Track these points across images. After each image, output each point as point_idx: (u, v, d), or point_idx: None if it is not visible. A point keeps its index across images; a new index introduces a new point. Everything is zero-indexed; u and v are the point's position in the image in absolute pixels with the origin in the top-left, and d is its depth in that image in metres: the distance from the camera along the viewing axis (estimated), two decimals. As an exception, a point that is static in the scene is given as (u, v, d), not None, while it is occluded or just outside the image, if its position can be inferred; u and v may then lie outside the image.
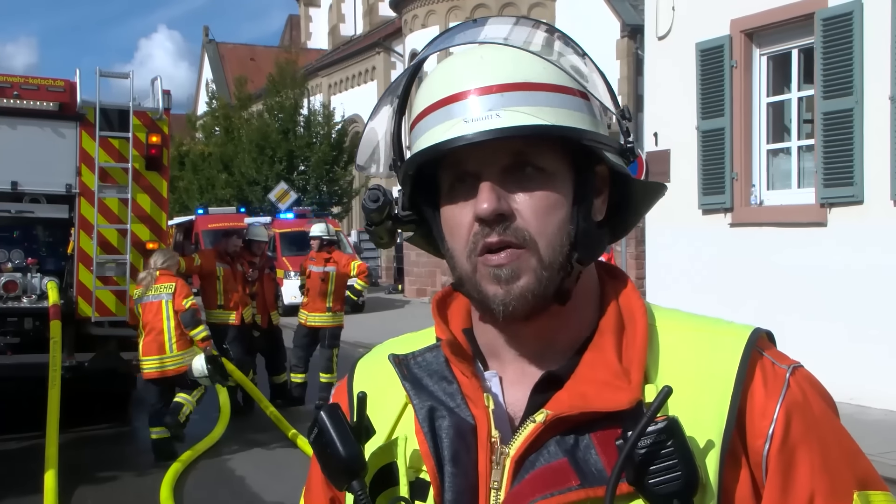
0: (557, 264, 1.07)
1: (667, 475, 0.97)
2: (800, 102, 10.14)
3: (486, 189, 1.05)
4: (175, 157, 31.06)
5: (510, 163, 1.07)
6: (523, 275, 1.06)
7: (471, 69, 1.08)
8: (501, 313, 1.07)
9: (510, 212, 1.06)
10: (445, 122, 1.07)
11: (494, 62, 1.07)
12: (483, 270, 1.07)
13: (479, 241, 1.06)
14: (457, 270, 1.11)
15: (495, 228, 1.05)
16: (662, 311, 1.17)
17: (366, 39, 35.77)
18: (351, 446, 1.07)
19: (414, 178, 1.14)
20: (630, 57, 20.25)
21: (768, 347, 1.11)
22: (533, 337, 1.12)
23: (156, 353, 8.13)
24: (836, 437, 1.07)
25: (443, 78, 1.10)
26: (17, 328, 8.89)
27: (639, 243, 15.63)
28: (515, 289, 1.06)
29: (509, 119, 1.04)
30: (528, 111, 1.05)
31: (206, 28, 53.89)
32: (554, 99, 1.07)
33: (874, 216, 8.82)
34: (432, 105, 1.09)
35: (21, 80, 8.80)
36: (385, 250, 29.47)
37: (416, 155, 1.10)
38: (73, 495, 7.12)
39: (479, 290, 1.08)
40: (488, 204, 1.04)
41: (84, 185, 8.84)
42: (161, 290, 8.22)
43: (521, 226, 1.06)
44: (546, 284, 1.07)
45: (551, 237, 1.07)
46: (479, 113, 1.05)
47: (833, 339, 8.92)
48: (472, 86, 1.06)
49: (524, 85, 1.06)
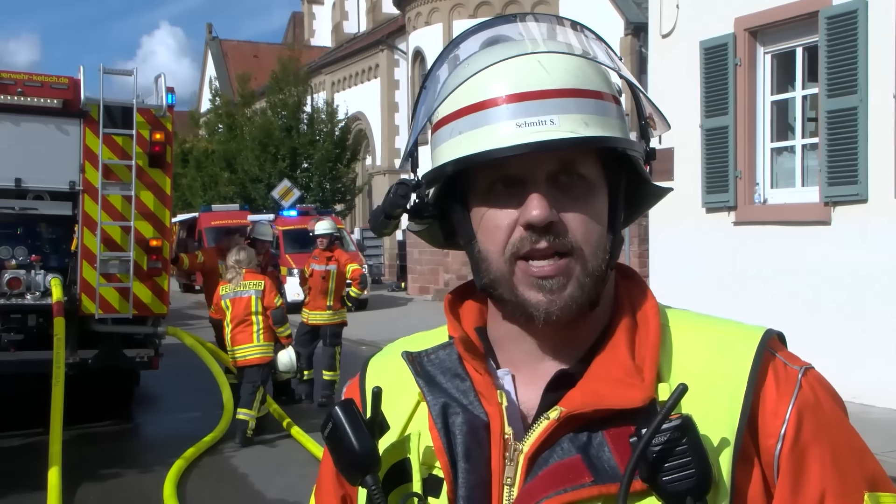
0: (599, 272, 1.09)
1: (680, 473, 0.98)
2: (804, 101, 10.12)
3: (538, 197, 1.05)
4: (178, 155, 31.07)
5: (556, 169, 1.07)
6: (570, 284, 1.07)
7: (528, 72, 1.07)
8: (543, 320, 1.07)
9: (558, 220, 1.06)
10: (495, 123, 1.06)
11: (553, 67, 1.07)
12: (523, 276, 1.07)
13: (526, 247, 1.06)
14: (490, 273, 1.10)
15: (544, 236, 1.06)
16: (675, 311, 1.17)
17: (369, 37, 35.75)
18: (365, 441, 1.08)
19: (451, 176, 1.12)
20: (633, 55, 20.24)
21: (780, 349, 1.11)
22: (549, 337, 1.12)
23: (243, 343, 8.91)
24: (847, 438, 1.07)
25: (494, 75, 1.08)
26: (21, 325, 8.89)
27: (642, 242, 15.62)
28: (561, 299, 1.06)
29: (565, 127, 1.04)
30: (582, 119, 1.06)
31: (210, 25, 53.80)
32: (599, 107, 1.08)
33: (878, 214, 8.81)
34: (481, 103, 1.08)
35: (25, 76, 8.80)
36: (388, 249, 29.35)
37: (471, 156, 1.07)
38: (76, 492, 7.14)
39: (518, 294, 1.08)
40: (539, 211, 1.04)
41: (88, 182, 8.84)
42: (250, 287, 9.01)
43: (569, 234, 1.06)
44: (588, 292, 1.08)
45: (595, 246, 1.08)
46: (535, 118, 1.05)
47: (837, 337, 8.91)
48: (530, 88, 1.06)
49: (577, 91, 1.07)
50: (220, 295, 9.16)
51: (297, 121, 28.54)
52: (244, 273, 9.06)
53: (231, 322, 8.98)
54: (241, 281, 9.02)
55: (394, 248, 29.14)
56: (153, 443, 9.40)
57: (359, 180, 31.24)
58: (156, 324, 9.40)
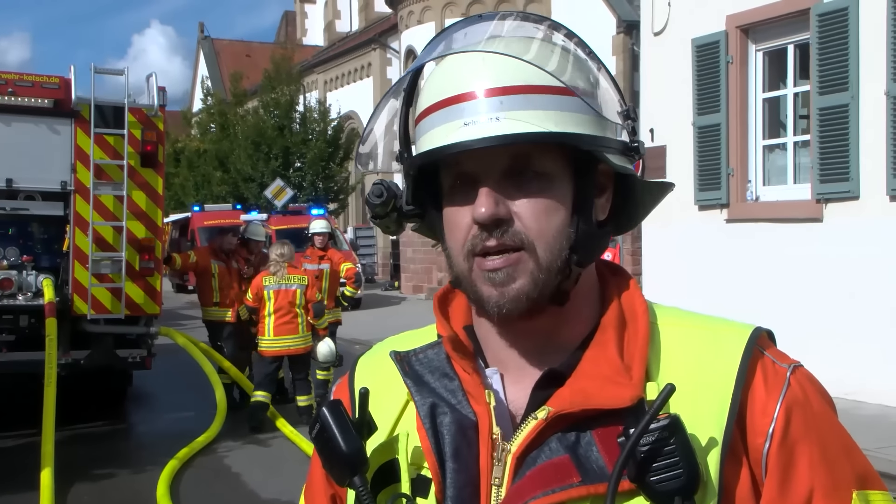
0: (556, 267, 1.07)
1: (669, 473, 0.97)
2: (795, 98, 10.14)
3: (485, 194, 1.05)
4: (170, 154, 30.99)
5: (510, 166, 1.07)
6: (518, 278, 1.06)
7: (472, 70, 1.07)
8: (496, 314, 1.07)
9: (508, 216, 1.06)
10: (446, 123, 1.07)
11: (496, 64, 1.06)
12: (478, 272, 1.08)
13: (478, 245, 1.07)
14: (454, 269, 1.11)
15: (493, 233, 1.06)
16: (664, 309, 1.17)
17: (361, 36, 35.75)
18: (353, 442, 1.08)
19: (416, 176, 1.15)
20: (626, 53, 20.26)
21: (769, 346, 1.11)
22: (532, 335, 1.12)
23: (287, 334, 9.41)
24: (836, 436, 1.07)
25: (444, 77, 1.10)
26: (13, 325, 8.86)
27: (635, 239, 15.63)
28: (509, 291, 1.06)
29: (510, 125, 1.04)
30: (529, 116, 1.04)
31: (202, 24, 53.70)
32: (555, 102, 1.06)
33: (870, 212, 8.84)
34: (434, 105, 1.09)
35: (16, 76, 8.77)
36: (381, 248, 29.34)
37: (417, 156, 1.11)
38: (69, 492, 7.12)
39: (475, 290, 1.09)
40: (486, 209, 1.05)
41: (79, 182, 8.81)
42: (294, 281, 9.49)
43: (520, 229, 1.06)
44: (542, 287, 1.07)
45: (550, 241, 1.07)
46: (480, 116, 1.05)
47: (828, 333, 8.94)
48: (473, 87, 1.06)
49: (525, 88, 1.05)
50: (263, 286, 9.45)
51: (290, 120, 28.49)
52: (287, 267, 9.50)
53: (274, 312, 9.37)
54: (286, 274, 9.46)
55: (387, 246, 29.14)
56: (146, 443, 9.37)
57: (352, 179, 31.18)
58: (148, 324, 9.38)
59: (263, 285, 9.45)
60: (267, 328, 9.44)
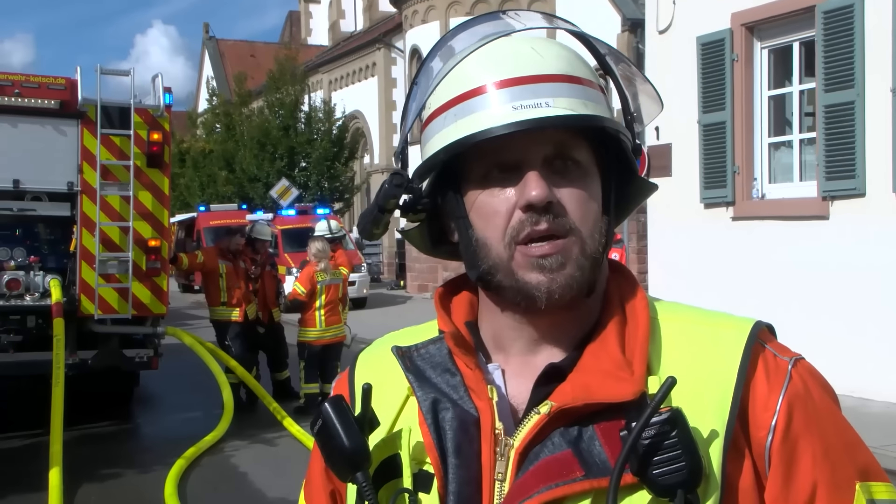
0: (597, 255, 1.09)
1: (671, 466, 0.98)
2: (801, 95, 10.12)
3: (536, 177, 1.06)
4: (176, 155, 31.02)
5: (551, 153, 1.08)
6: (568, 264, 1.07)
7: (522, 57, 1.09)
8: (545, 301, 1.07)
9: (557, 201, 1.07)
10: (490, 107, 1.07)
11: (546, 52, 1.09)
12: (523, 260, 1.07)
13: (525, 229, 1.06)
14: (490, 259, 1.09)
15: (544, 217, 1.06)
16: (664, 304, 1.17)
17: (366, 35, 35.75)
18: (355, 437, 1.07)
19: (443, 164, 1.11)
20: (630, 51, 20.21)
21: (770, 340, 1.11)
22: (542, 329, 1.12)
23: (336, 324, 10.17)
24: (838, 429, 1.07)
25: (488, 62, 1.09)
26: (21, 326, 8.88)
27: (640, 238, 15.61)
28: (561, 277, 1.07)
29: (560, 108, 1.06)
30: (573, 104, 1.07)
31: (207, 25, 53.73)
32: (590, 93, 1.10)
33: (876, 209, 8.82)
34: (475, 90, 1.08)
35: (22, 78, 8.79)
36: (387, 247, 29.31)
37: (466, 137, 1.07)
38: (76, 493, 7.14)
39: (518, 278, 1.08)
40: (539, 191, 1.05)
41: (86, 183, 8.82)
42: (338, 275, 10.28)
43: (567, 216, 1.07)
44: (588, 274, 1.08)
45: (591, 228, 1.09)
46: (530, 100, 1.06)
47: (835, 331, 8.92)
48: (525, 73, 1.07)
49: (571, 77, 1.09)
50: (317, 280, 9.98)
51: (295, 120, 28.53)
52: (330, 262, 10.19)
53: (325, 305, 10.03)
54: (333, 269, 10.17)
55: (392, 246, 29.14)
56: (153, 443, 9.40)
57: (357, 179, 31.21)
58: (155, 324, 9.39)
59: (317, 280, 9.99)
60: (318, 320, 10.06)
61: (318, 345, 10.12)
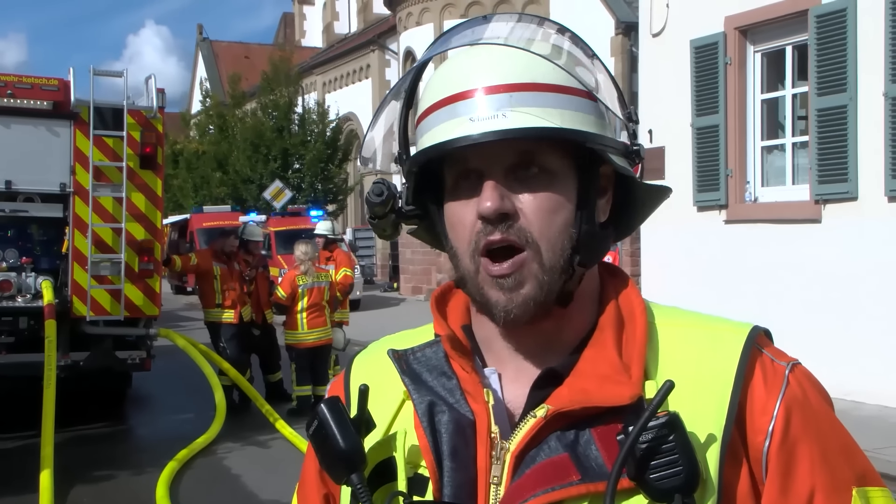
0: (559, 267, 1.07)
1: (668, 470, 0.97)
2: (794, 99, 10.15)
3: (490, 187, 1.05)
4: (169, 156, 30.94)
5: (515, 162, 1.07)
6: (526, 283, 1.06)
7: (478, 67, 1.08)
8: (503, 319, 1.07)
9: (513, 211, 1.06)
10: (451, 119, 1.07)
11: (503, 61, 1.07)
12: (485, 276, 1.07)
13: (482, 240, 1.06)
14: (459, 269, 1.11)
15: (498, 227, 1.05)
16: (662, 308, 1.17)
17: (360, 37, 35.73)
18: (351, 439, 1.07)
19: (418, 174, 1.14)
20: (624, 54, 20.26)
21: (767, 345, 1.11)
22: (533, 336, 1.12)
23: (320, 327, 10.16)
24: (835, 434, 1.08)
25: (449, 75, 1.10)
26: (12, 327, 8.85)
27: (634, 240, 15.63)
28: (518, 297, 1.06)
29: (516, 120, 1.04)
30: (535, 112, 1.05)
31: (200, 26, 53.59)
32: (560, 100, 1.07)
33: (868, 212, 8.85)
34: (438, 102, 1.09)
35: (14, 78, 8.77)
36: (380, 249, 29.29)
37: (421, 152, 1.10)
38: (68, 495, 7.11)
39: (482, 293, 1.08)
40: (491, 202, 1.04)
41: (78, 184, 8.80)
42: (322, 278, 10.27)
43: (524, 226, 1.06)
44: (548, 290, 1.07)
45: (553, 239, 1.07)
46: (486, 112, 1.05)
47: (827, 334, 8.94)
48: (480, 84, 1.06)
49: (531, 85, 1.06)
50: (298, 284, 10.03)
51: (289, 121, 28.49)
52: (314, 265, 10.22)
53: (307, 309, 10.06)
54: (315, 273, 10.17)
55: (386, 248, 29.12)
56: (146, 444, 9.37)
57: (350, 180, 31.18)
58: (148, 325, 9.38)
59: (298, 284, 10.02)
60: (300, 323, 10.09)
61: (303, 347, 10.14)
